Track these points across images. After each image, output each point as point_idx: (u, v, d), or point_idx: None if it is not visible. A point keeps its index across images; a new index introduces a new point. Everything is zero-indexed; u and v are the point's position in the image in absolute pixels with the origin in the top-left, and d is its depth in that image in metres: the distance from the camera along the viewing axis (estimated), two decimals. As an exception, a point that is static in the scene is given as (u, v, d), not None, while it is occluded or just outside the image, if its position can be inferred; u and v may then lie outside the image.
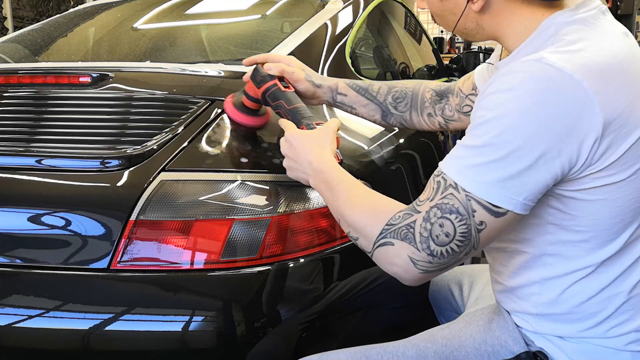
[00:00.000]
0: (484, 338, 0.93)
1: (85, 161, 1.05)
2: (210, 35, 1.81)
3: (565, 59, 0.74)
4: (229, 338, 0.99)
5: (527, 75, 0.74)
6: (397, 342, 0.96)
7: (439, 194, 0.78)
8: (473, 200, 0.75)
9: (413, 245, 0.78)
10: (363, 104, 1.20)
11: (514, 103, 0.74)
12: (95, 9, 2.10)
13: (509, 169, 0.74)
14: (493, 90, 0.76)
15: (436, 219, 0.77)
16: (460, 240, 0.77)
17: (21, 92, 1.28)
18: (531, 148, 0.73)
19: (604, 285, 0.84)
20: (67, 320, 0.98)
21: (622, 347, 0.86)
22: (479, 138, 0.76)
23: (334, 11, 1.69)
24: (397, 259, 0.80)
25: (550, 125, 0.73)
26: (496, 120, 0.74)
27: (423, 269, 0.79)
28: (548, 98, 0.72)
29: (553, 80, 0.73)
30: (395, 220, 0.81)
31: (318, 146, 0.96)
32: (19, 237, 1.02)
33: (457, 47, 7.35)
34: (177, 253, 0.99)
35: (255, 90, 1.11)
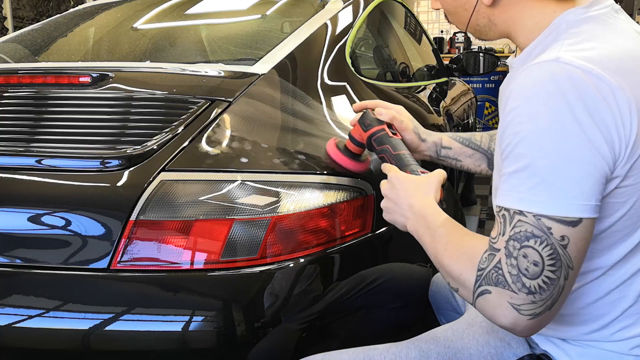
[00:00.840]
0: (487, 340, 0.93)
1: (85, 161, 1.05)
2: (210, 35, 1.81)
3: (581, 57, 0.73)
4: (229, 338, 0.99)
5: (547, 78, 0.73)
6: (400, 343, 0.96)
7: (509, 226, 0.74)
8: (543, 219, 0.71)
9: (508, 289, 0.73)
10: (468, 155, 1.19)
11: (540, 111, 0.72)
12: (95, 9, 2.10)
13: (564, 179, 0.71)
14: (515, 104, 0.74)
15: (517, 251, 0.72)
16: (550, 264, 0.71)
17: (21, 92, 1.28)
18: (573, 151, 0.71)
19: (612, 287, 0.83)
20: (67, 320, 0.98)
21: (627, 351, 0.85)
22: (523, 158, 0.73)
23: (334, 11, 1.69)
24: (499, 309, 0.74)
25: (585, 122, 0.71)
26: (530, 136, 0.72)
27: (529, 312, 0.72)
28: (575, 95, 0.71)
29: (574, 78, 0.72)
30: (483, 263, 0.76)
31: (422, 192, 0.93)
32: (19, 237, 1.02)
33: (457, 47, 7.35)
34: (177, 253, 0.99)
35: (362, 134, 1.12)
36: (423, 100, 1.96)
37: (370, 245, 1.19)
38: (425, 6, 7.99)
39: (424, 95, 2.05)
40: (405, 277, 1.34)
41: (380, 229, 1.20)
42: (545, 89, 0.72)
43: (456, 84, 2.78)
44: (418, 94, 1.99)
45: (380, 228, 1.20)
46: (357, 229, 1.15)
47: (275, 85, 1.30)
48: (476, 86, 6.79)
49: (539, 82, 0.73)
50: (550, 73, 0.73)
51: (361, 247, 1.16)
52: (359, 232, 1.16)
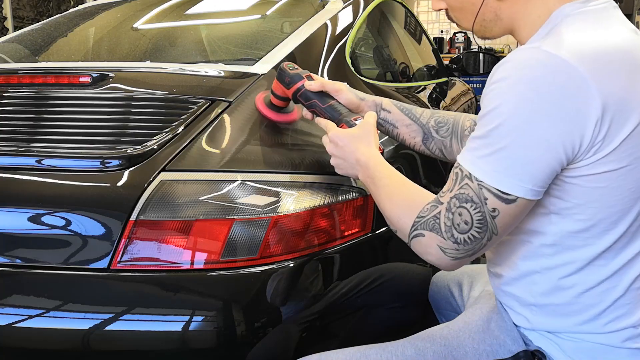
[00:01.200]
0: (482, 337, 0.93)
1: (85, 161, 1.05)
2: (210, 35, 1.81)
3: (562, 46, 0.76)
4: (229, 338, 0.99)
5: (524, 63, 0.77)
6: (396, 342, 0.96)
7: (457, 184, 0.82)
8: (484, 189, 0.79)
9: (440, 235, 0.83)
10: (406, 124, 1.20)
11: (511, 91, 0.76)
12: (95, 9, 2.10)
13: (513, 157, 0.77)
14: (493, 80, 0.79)
15: (455, 208, 0.82)
16: (478, 227, 0.81)
17: (21, 92, 1.28)
18: (532, 135, 0.75)
19: (603, 277, 0.85)
20: (67, 320, 0.98)
21: (619, 344, 0.86)
22: (484, 128, 0.79)
23: (334, 11, 1.69)
24: (429, 248, 0.85)
25: (550, 111, 0.75)
26: (497, 109, 0.77)
27: (452, 256, 0.84)
28: (544, 84, 0.75)
29: (548, 66, 0.75)
30: (424, 212, 0.86)
31: (364, 143, 1.00)
32: (19, 237, 1.02)
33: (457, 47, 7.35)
34: (177, 253, 0.99)
35: (284, 90, 1.14)
36: (423, 100, 1.96)
37: (370, 245, 1.19)
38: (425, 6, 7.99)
39: (424, 95, 2.05)
40: (405, 277, 1.34)
41: (380, 229, 1.20)
42: (520, 73, 0.76)
43: (456, 84, 2.78)
44: (418, 94, 1.99)
45: (380, 228, 1.20)
46: (357, 229, 1.15)
47: (275, 85, 1.30)
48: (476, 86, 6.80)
49: (517, 65, 0.77)
50: (528, 58, 0.77)
51: (361, 247, 1.17)
52: (359, 232, 1.16)
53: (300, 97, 1.12)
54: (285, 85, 1.13)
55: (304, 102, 1.12)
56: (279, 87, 1.15)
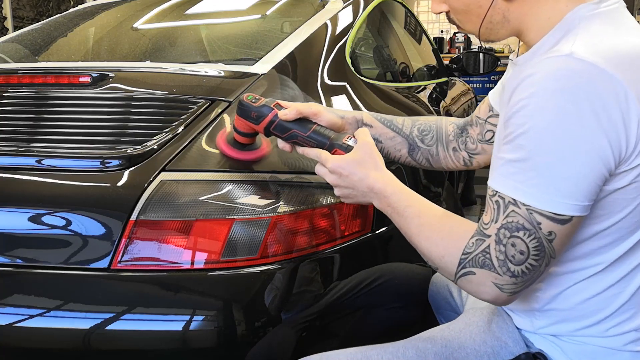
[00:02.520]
0: (483, 339, 0.93)
1: (85, 161, 1.05)
2: (210, 35, 1.81)
3: (595, 53, 0.73)
4: (229, 338, 0.99)
5: (559, 73, 0.73)
6: (398, 343, 0.96)
7: (502, 214, 0.77)
8: (535, 213, 0.75)
9: (494, 271, 0.78)
10: (389, 137, 1.15)
11: (548, 105, 0.72)
12: (95, 9, 2.10)
13: (563, 175, 0.73)
14: (523, 96, 0.74)
15: (507, 239, 0.77)
16: (535, 254, 0.76)
17: (21, 92, 1.28)
18: (576, 150, 0.72)
19: (611, 283, 0.84)
20: (67, 320, 0.98)
21: (621, 347, 0.85)
22: (522, 150, 0.74)
23: (334, 11, 1.69)
24: (482, 287, 0.80)
25: (591, 122, 0.71)
26: (535, 127, 0.73)
27: (510, 291, 0.79)
28: (583, 95, 0.71)
29: (586, 75, 0.72)
30: (470, 248, 0.80)
31: (372, 167, 0.93)
32: (19, 237, 1.02)
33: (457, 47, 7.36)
34: (177, 253, 0.99)
35: (252, 126, 1.02)
36: (423, 100, 1.96)
37: (370, 245, 1.19)
38: (425, 6, 8.00)
39: (424, 95, 2.05)
40: (405, 277, 1.34)
41: (380, 229, 1.20)
42: (555, 84, 0.72)
43: (456, 84, 2.78)
44: (418, 94, 1.99)
45: (380, 228, 1.20)
46: (357, 229, 1.15)
47: (275, 85, 1.30)
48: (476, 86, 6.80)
49: (550, 77, 0.73)
50: (562, 68, 0.73)
51: (361, 247, 1.17)
52: (359, 232, 1.16)
53: (275, 130, 1.01)
54: (253, 120, 1.01)
55: (281, 135, 1.01)
56: (243, 123, 1.03)
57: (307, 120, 1.02)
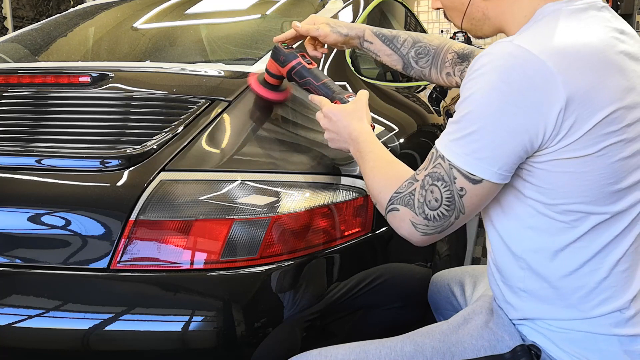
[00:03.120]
0: (480, 334, 0.94)
1: (85, 161, 1.05)
2: (210, 35, 1.81)
3: (534, 42, 0.80)
4: (229, 338, 0.99)
5: (498, 55, 0.81)
6: (396, 338, 0.97)
7: (431, 164, 0.88)
8: (454, 169, 0.85)
9: (413, 210, 0.89)
10: (387, 54, 1.28)
11: (484, 81, 0.81)
12: (95, 8, 2.10)
13: (481, 142, 0.82)
14: (471, 71, 0.84)
15: (428, 185, 0.87)
16: (446, 204, 0.86)
17: (21, 92, 1.28)
18: (499, 122, 0.80)
19: (587, 259, 0.87)
20: (67, 320, 0.98)
21: (607, 331, 0.87)
22: (459, 114, 0.85)
23: (334, 11, 1.69)
24: (402, 222, 0.90)
25: (516, 100, 0.79)
26: (471, 97, 0.82)
27: (422, 231, 0.89)
28: (513, 75, 0.79)
29: (519, 58, 0.79)
30: (401, 188, 0.91)
31: (357, 118, 1.05)
32: (19, 237, 1.02)
33: (457, 47, 7.34)
34: (177, 253, 0.99)
35: (279, 69, 1.18)
36: (423, 99, 1.96)
37: (370, 245, 1.19)
38: (425, 6, 7.99)
39: (424, 95, 2.05)
40: (405, 277, 1.34)
41: (380, 229, 1.20)
42: (492, 63, 0.81)
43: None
44: (418, 94, 1.99)
45: (380, 228, 1.20)
46: (357, 228, 1.15)
47: (275, 85, 1.30)
48: (476, 86, 6.76)
49: (490, 58, 0.81)
50: (500, 51, 0.81)
51: (361, 247, 1.16)
52: (359, 232, 1.16)
53: (294, 75, 1.16)
54: (280, 63, 1.17)
55: (298, 80, 1.16)
56: (273, 65, 1.19)
57: (322, 73, 1.17)
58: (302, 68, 1.16)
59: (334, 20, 1.27)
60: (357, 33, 1.27)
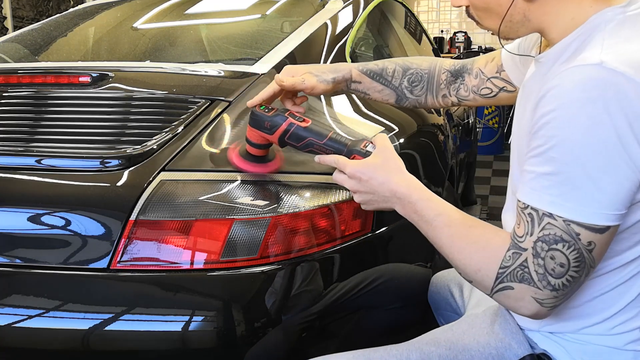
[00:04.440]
0: (487, 341, 0.93)
1: (85, 161, 1.05)
2: (210, 35, 1.81)
3: (624, 62, 0.72)
4: (229, 338, 0.99)
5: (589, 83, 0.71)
6: (401, 345, 0.96)
7: (537, 227, 0.76)
8: (573, 224, 0.74)
9: (533, 285, 0.77)
10: (378, 90, 1.17)
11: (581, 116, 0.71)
12: (95, 8, 2.10)
13: (600, 187, 0.72)
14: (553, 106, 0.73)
15: (545, 252, 0.75)
16: (575, 266, 0.75)
17: (21, 92, 1.28)
18: (615, 161, 0.71)
19: (620, 282, 0.83)
20: (67, 320, 0.98)
21: (623, 346, 0.85)
22: (555, 162, 0.73)
23: (334, 11, 1.69)
24: (521, 302, 0.78)
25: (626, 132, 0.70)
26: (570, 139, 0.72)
27: (550, 304, 0.78)
28: (616, 104, 0.70)
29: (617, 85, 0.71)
30: (507, 262, 0.79)
31: (394, 172, 0.90)
32: (19, 237, 1.02)
33: (457, 47, 7.35)
34: (177, 253, 0.98)
35: (265, 137, 1.01)
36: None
37: (370, 245, 1.19)
38: (425, 6, 7.99)
39: (424, 95, 2.04)
40: (405, 278, 1.34)
41: (380, 229, 1.20)
42: (586, 95, 0.71)
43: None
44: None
45: (380, 228, 1.20)
46: (357, 229, 1.15)
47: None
48: (476, 86, 6.76)
49: (579, 87, 0.72)
50: (593, 78, 0.71)
51: (361, 247, 1.16)
52: (359, 232, 1.16)
53: (289, 139, 0.99)
54: (267, 130, 0.99)
55: (296, 144, 1.00)
56: (255, 134, 1.01)
57: (322, 127, 1.00)
58: (297, 129, 0.98)
59: (315, 67, 1.11)
60: (344, 75, 1.12)
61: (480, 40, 7.42)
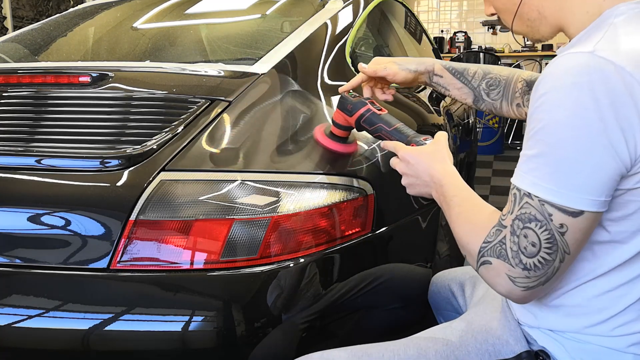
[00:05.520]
0: (485, 337, 0.93)
1: (85, 161, 1.05)
2: (210, 35, 1.81)
3: (616, 51, 0.73)
4: (229, 338, 0.99)
5: (577, 68, 0.73)
6: (398, 341, 0.96)
7: (517, 205, 0.78)
8: (547, 205, 0.75)
9: (507, 262, 0.79)
10: (457, 87, 1.25)
11: (567, 99, 0.72)
12: (95, 8, 2.10)
13: (577, 169, 0.73)
14: (544, 90, 0.75)
15: (520, 230, 0.77)
16: (547, 247, 0.76)
17: (21, 92, 1.27)
18: (595, 143, 0.72)
19: (621, 282, 0.83)
20: (67, 320, 0.98)
21: (624, 348, 0.85)
22: (541, 144, 0.75)
23: (334, 11, 1.69)
24: (497, 278, 0.81)
25: (609, 116, 0.71)
26: (553, 122, 0.74)
27: (523, 285, 0.79)
28: (602, 89, 0.71)
29: (604, 71, 0.72)
30: (490, 237, 0.82)
31: (438, 160, 0.96)
32: (19, 237, 1.02)
33: (457, 47, 7.36)
34: (176, 253, 0.98)
35: (346, 118, 1.13)
36: (423, 99, 1.96)
37: (370, 245, 1.19)
38: (425, 6, 7.99)
39: (424, 95, 2.04)
40: (405, 278, 1.34)
41: (380, 229, 1.20)
42: (575, 80, 0.72)
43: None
44: (418, 94, 1.99)
45: (380, 228, 1.20)
46: (357, 229, 1.15)
47: (275, 85, 1.30)
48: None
49: (570, 73, 0.73)
50: (582, 64, 0.73)
51: (361, 247, 1.16)
52: (359, 232, 1.16)
53: (364, 123, 1.11)
54: (348, 112, 1.13)
55: (369, 128, 1.11)
56: (340, 115, 1.15)
57: (392, 118, 1.10)
58: (372, 115, 1.10)
59: (400, 58, 1.24)
60: (427, 67, 1.23)
61: (480, 40, 7.42)
